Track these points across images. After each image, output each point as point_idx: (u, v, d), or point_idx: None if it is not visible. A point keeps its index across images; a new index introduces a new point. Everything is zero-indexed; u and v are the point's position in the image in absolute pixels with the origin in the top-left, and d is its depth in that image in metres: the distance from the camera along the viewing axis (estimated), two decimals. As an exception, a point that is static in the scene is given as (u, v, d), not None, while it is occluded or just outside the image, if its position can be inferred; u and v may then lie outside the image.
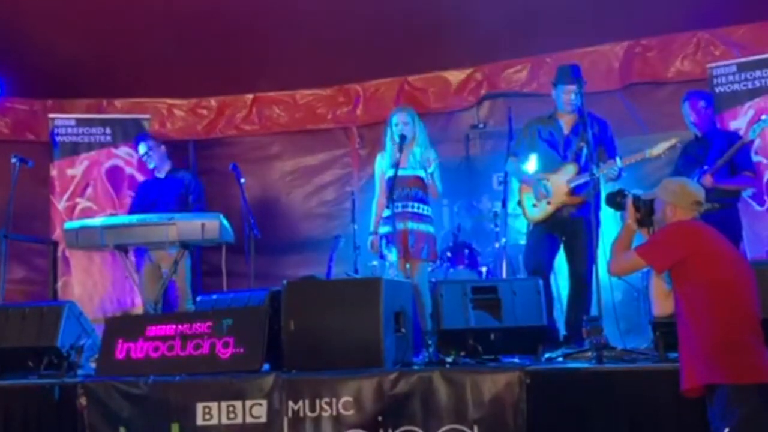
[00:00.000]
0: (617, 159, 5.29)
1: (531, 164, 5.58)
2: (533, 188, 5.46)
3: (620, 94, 7.19)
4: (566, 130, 5.51)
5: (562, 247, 5.47)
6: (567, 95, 5.45)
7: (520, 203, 5.64)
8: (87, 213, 7.32)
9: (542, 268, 5.35)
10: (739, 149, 5.46)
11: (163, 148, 6.76)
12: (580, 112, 5.33)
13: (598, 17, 6.51)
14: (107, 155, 7.61)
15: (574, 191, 5.35)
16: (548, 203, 5.40)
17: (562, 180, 5.38)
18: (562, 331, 5.37)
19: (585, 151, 5.26)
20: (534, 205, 5.48)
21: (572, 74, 5.48)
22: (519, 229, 6.56)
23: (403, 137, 5.53)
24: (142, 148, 6.73)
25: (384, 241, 5.58)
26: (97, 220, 5.91)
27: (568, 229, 5.40)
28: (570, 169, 5.39)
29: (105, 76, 7.42)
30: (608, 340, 4.45)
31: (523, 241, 6.03)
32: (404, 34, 6.78)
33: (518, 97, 7.29)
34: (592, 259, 5.14)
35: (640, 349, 4.58)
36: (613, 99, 7.13)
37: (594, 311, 4.98)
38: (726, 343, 3.34)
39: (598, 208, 5.15)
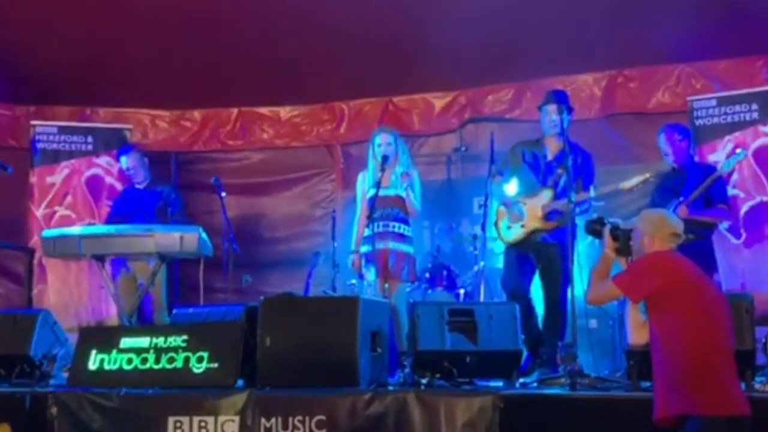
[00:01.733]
0: (591, 189, 5.35)
1: (511, 186, 5.63)
2: (508, 210, 5.51)
3: (601, 123, 7.28)
4: (550, 156, 5.56)
5: (537, 271, 5.51)
6: (549, 116, 5.51)
7: (496, 224, 5.69)
8: (65, 221, 7.26)
9: (521, 290, 5.39)
10: (715, 182, 5.53)
11: (146, 160, 6.74)
12: (568, 141, 5.36)
13: (583, 46, 6.60)
14: (88, 164, 7.57)
15: (547, 217, 5.40)
16: (522, 226, 5.46)
17: (537, 204, 5.43)
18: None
19: (564, 178, 5.31)
20: (509, 227, 5.54)
21: (556, 96, 5.58)
22: (498, 252, 6.59)
23: (385, 158, 5.57)
24: (124, 162, 6.68)
25: (363, 260, 5.59)
26: (75, 229, 5.89)
27: (543, 254, 5.44)
28: (546, 195, 5.43)
29: (89, 84, 7.39)
30: (582, 367, 4.47)
31: (501, 265, 6.06)
32: (390, 55, 6.82)
33: (501, 122, 7.35)
34: (566, 285, 5.21)
35: (614, 377, 4.61)
36: (595, 128, 7.21)
37: (569, 337, 5.00)
38: (699, 374, 3.37)
39: (574, 235, 5.20)
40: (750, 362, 4.04)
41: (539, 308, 5.59)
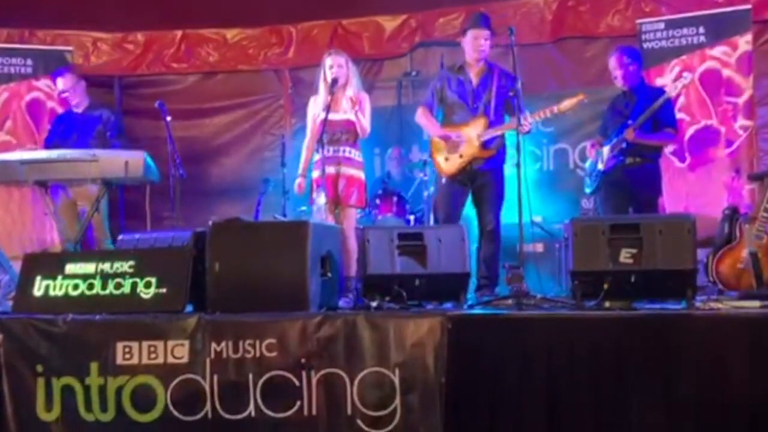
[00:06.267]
0: (527, 113, 5.34)
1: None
2: (446, 141, 5.50)
3: (551, 47, 7.27)
4: (475, 82, 5.55)
5: (471, 197, 5.54)
6: (477, 41, 5.49)
7: (432, 156, 5.68)
8: (6, 147, 7.05)
9: (451, 221, 5.44)
10: (663, 106, 5.57)
11: (83, 83, 6.55)
12: (488, 63, 5.48)
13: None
14: (27, 88, 7.34)
15: (485, 145, 5.43)
16: (460, 156, 5.47)
17: (473, 134, 5.44)
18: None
19: (493, 103, 5.41)
20: (446, 159, 5.52)
21: (484, 21, 5.54)
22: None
23: (335, 80, 5.47)
24: (60, 84, 6.49)
25: (314, 185, 5.55)
26: (17, 155, 5.72)
27: (478, 181, 5.49)
28: (480, 123, 5.46)
29: (28, 5, 7.11)
30: (529, 287, 4.55)
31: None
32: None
33: (451, 47, 7.26)
34: (500, 209, 5.38)
35: (559, 298, 4.70)
36: (544, 52, 7.20)
37: (516, 260, 5.08)
38: None
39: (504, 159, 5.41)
40: (691, 282, 4.14)
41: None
